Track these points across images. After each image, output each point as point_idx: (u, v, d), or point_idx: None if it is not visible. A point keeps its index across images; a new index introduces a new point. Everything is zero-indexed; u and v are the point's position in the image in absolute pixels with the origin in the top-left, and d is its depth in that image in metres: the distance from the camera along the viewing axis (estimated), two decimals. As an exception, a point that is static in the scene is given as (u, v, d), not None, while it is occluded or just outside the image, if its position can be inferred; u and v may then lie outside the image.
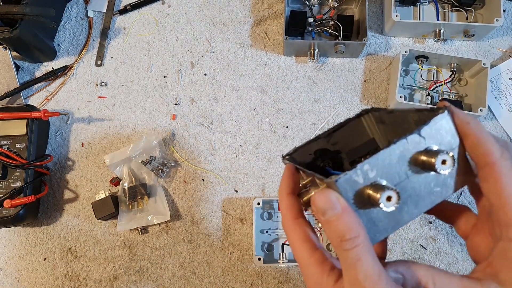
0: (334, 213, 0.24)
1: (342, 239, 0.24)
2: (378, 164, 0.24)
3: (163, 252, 0.66)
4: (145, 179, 0.67)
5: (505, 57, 0.72)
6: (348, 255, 0.24)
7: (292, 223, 0.29)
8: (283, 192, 0.31)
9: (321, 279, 0.26)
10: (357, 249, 0.24)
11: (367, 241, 0.24)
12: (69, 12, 0.75)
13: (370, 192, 0.24)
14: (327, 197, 0.24)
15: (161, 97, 0.71)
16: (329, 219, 0.24)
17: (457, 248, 0.65)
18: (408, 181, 0.25)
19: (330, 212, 0.24)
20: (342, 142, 0.37)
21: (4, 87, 0.70)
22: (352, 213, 0.24)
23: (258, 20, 0.74)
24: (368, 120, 0.37)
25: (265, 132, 0.70)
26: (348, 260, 0.24)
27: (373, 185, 0.24)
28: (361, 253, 0.24)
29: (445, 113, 0.25)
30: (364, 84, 0.71)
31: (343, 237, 0.24)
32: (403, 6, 0.72)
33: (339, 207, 0.24)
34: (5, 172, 0.61)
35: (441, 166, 0.24)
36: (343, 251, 0.24)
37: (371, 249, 0.24)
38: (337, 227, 0.24)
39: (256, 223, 0.64)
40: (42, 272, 0.65)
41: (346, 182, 0.24)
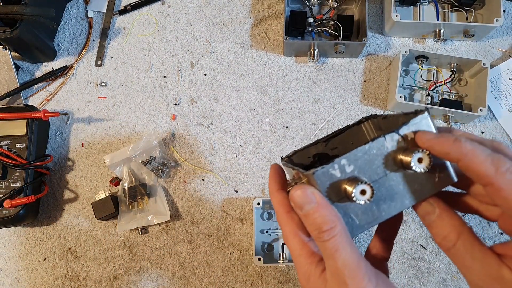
0: (311, 207, 0.25)
1: (319, 231, 0.25)
2: (355, 159, 0.25)
3: (163, 252, 0.66)
4: (145, 179, 0.67)
5: (505, 57, 0.72)
6: (326, 245, 0.25)
7: (285, 217, 0.30)
8: (273, 189, 0.32)
9: (309, 270, 0.27)
10: (334, 239, 0.25)
11: (344, 231, 0.25)
12: (69, 12, 0.75)
13: (346, 186, 0.25)
14: (303, 192, 0.26)
15: (161, 97, 0.71)
16: (306, 213, 0.26)
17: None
18: (386, 179, 0.26)
19: (307, 206, 0.25)
20: (341, 147, 0.38)
21: (4, 87, 0.70)
22: (328, 205, 0.25)
23: (258, 20, 0.74)
24: (368, 127, 0.38)
25: (265, 132, 0.70)
26: (327, 250, 0.25)
27: (350, 180, 0.25)
28: (338, 243, 0.25)
29: (425, 114, 0.26)
30: (364, 84, 0.71)
31: (321, 229, 0.25)
32: (403, 6, 0.72)
33: (315, 201, 0.25)
34: (5, 172, 0.61)
35: (417, 164, 0.25)
36: (321, 242, 0.25)
37: (348, 239, 0.25)
38: (315, 220, 0.25)
39: (256, 223, 0.64)
40: (42, 272, 0.65)
41: (323, 175, 0.25)
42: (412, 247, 0.65)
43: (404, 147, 0.26)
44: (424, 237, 0.65)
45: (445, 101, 0.66)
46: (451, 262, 0.64)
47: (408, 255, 0.65)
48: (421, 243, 0.65)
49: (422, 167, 0.25)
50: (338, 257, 0.25)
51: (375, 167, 0.26)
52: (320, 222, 0.25)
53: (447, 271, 0.64)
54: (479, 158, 0.23)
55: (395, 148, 0.26)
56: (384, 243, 0.33)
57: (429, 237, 0.65)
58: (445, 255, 0.65)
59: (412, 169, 0.25)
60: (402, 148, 0.26)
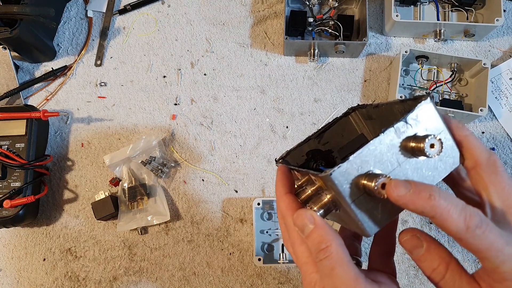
0: (310, 229, 0.26)
1: (317, 250, 0.26)
2: (369, 154, 0.25)
3: (163, 253, 0.66)
4: (145, 179, 0.66)
5: (505, 57, 0.71)
6: (323, 264, 0.25)
7: (291, 223, 0.29)
8: (280, 192, 0.32)
9: (315, 278, 0.27)
10: (329, 257, 0.25)
11: (341, 249, 0.25)
12: (68, 12, 0.75)
13: (364, 182, 0.25)
14: (302, 216, 0.27)
15: (160, 97, 0.71)
16: (307, 234, 0.26)
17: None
18: (400, 169, 0.26)
19: (307, 228, 0.26)
20: (332, 141, 0.38)
21: (4, 87, 0.70)
22: (324, 226, 0.26)
23: (258, 20, 0.74)
24: (356, 118, 0.38)
25: (265, 132, 0.69)
26: (324, 269, 0.25)
27: (367, 175, 0.25)
28: (334, 261, 0.25)
29: (428, 99, 0.26)
30: (364, 84, 0.71)
31: (318, 248, 0.26)
32: (403, 6, 0.72)
33: (313, 222, 0.26)
34: (5, 172, 0.61)
35: (430, 150, 0.25)
36: (319, 262, 0.26)
37: (345, 257, 0.25)
38: (313, 240, 0.26)
39: (256, 224, 0.64)
40: (42, 273, 0.65)
41: (340, 175, 0.24)
42: (413, 247, 0.65)
43: (412, 135, 0.26)
44: (425, 237, 0.65)
45: (446, 101, 0.66)
46: (451, 263, 0.64)
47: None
48: (421, 243, 0.65)
49: (435, 152, 0.25)
50: (335, 276, 0.25)
51: (387, 159, 0.26)
52: (317, 241, 0.26)
53: (448, 271, 0.64)
54: (452, 217, 0.23)
55: (404, 136, 0.26)
56: (386, 240, 0.33)
57: (429, 237, 0.65)
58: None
59: (426, 155, 0.25)
60: (410, 136, 0.26)
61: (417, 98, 0.29)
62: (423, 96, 0.27)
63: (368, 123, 0.37)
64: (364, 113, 0.37)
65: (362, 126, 0.38)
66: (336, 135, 0.38)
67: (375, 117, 0.36)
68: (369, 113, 0.36)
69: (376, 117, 0.35)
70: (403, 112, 0.32)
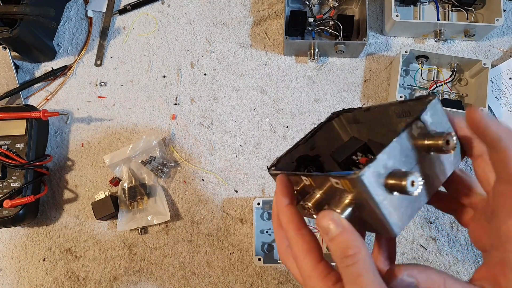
0: (337, 232, 0.25)
1: (344, 256, 0.25)
2: (393, 153, 0.25)
3: (163, 253, 0.66)
4: (145, 179, 0.66)
5: (505, 57, 0.71)
6: (349, 271, 0.25)
7: (295, 235, 0.29)
8: (281, 204, 0.30)
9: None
10: (357, 264, 0.24)
11: (368, 257, 0.25)
12: (68, 12, 0.75)
13: (392, 182, 0.24)
14: (330, 217, 0.25)
15: (160, 97, 0.71)
16: (332, 237, 0.25)
17: (457, 248, 0.65)
18: (418, 166, 0.27)
19: (333, 231, 0.25)
20: (322, 146, 0.38)
21: (4, 87, 0.70)
22: (353, 231, 0.25)
23: (258, 20, 0.74)
24: (339, 122, 0.37)
25: (265, 132, 0.69)
26: (349, 276, 0.25)
27: (393, 174, 0.25)
28: (362, 268, 0.24)
29: (436, 98, 0.27)
30: (364, 84, 0.71)
31: (345, 253, 0.25)
32: (403, 6, 0.72)
33: (341, 226, 0.25)
34: (5, 172, 0.61)
35: (447, 146, 0.25)
36: (344, 267, 0.25)
37: (372, 265, 0.25)
38: (339, 245, 0.25)
39: (256, 224, 0.63)
40: (42, 273, 0.65)
41: (371, 175, 0.24)
42: (413, 247, 0.65)
43: (425, 132, 0.26)
44: (424, 237, 0.65)
45: (446, 101, 0.66)
46: (451, 263, 0.64)
47: (408, 255, 0.65)
48: (421, 243, 0.65)
49: (451, 147, 0.25)
50: (360, 283, 0.24)
51: (406, 157, 0.26)
52: (344, 246, 0.25)
53: (448, 271, 0.64)
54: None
55: (417, 134, 0.26)
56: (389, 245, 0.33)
57: (429, 238, 0.65)
58: (445, 255, 0.65)
59: (443, 151, 0.25)
60: (422, 134, 0.26)
61: (419, 98, 0.29)
62: (427, 96, 0.28)
63: (353, 127, 0.37)
64: (349, 117, 0.37)
65: (345, 131, 0.37)
66: (322, 140, 0.38)
67: (364, 121, 0.35)
68: (356, 117, 0.36)
69: (365, 120, 0.35)
70: (401, 113, 0.32)
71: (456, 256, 0.65)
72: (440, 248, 0.65)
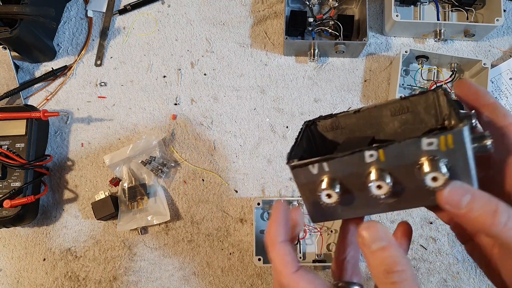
0: (382, 245, 0.24)
1: (389, 271, 0.23)
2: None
3: (162, 253, 0.66)
4: (145, 179, 0.66)
5: (505, 57, 0.71)
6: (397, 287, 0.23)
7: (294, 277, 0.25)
8: (274, 239, 0.26)
9: None
10: (406, 283, 0.23)
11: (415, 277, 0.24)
12: (68, 12, 0.75)
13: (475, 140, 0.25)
14: (376, 228, 0.24)
15: (161, 97, 0.71)
16: (375, 250, 0.24)
17: (458, 248, 0.65)
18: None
19: (378, 243, 0.24)
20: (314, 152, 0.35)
21: (4, 87, 0.70)
22: (399, 247, 0.24)
23: (258, 20, 0.74)
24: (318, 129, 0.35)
25: (265, 132, 0.70)
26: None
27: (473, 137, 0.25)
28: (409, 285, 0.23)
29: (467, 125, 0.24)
30: (364, 84, 0.71)
31: (391, 269, 0.23)
32: (404, 6, 0.72)
33: (387, 240, 0.24)
34: (5, 172, 0.61)
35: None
36: (390, 284, 0.23)
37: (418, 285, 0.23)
38: (385, 259, 0.23)
39: (256, 224, 0.63)
40: (42, 273, 0.65)
41: (467, 132, 0.24)
42: (412, 247, 0.65)
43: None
44: (425, 237, 0.65)
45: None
46: (451, 262, 0.64)
47: (408, 255, 0.65)
48: (421, 243, 0.65)
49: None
50: None
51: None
52: (391, 261, 0.23)
53: (448, 271, 0.64)
54: None
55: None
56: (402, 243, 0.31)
57: (429, 237, 0.65)
58: (445, 256, 0.65)
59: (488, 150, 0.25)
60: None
61: (424, 92, 0.29)
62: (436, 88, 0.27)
63: (329, 135, 0.35)
64: (327, 125, 0.34)
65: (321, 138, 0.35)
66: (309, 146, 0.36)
67: (344, 126, 0.34)
68: (336, 123, 0.34)
69: (346, 125, 0.34)
70: (399, 110, 0.31)
71: (456, 256, 0.65)
72: (440, 248, 0.65)
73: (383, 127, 0.33)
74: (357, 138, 0.33)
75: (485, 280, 0.64)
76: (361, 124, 0.33)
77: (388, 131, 0.33)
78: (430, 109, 0.31)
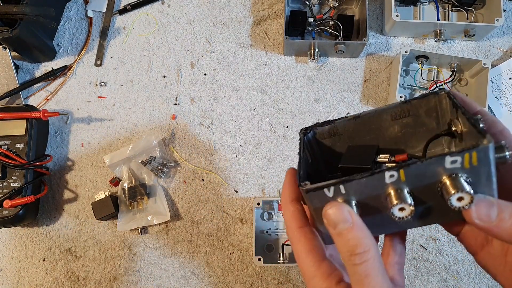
0: (345, 227, 0.24)
1: (352, 253, 0.24)
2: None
3: (162, 253, 0.66)
4: (145, 179, 0.66)
5: (505, 57, 0.71)
6: (357, 270, 0.24)
7: (297, 233, 0.27)
8: (286, 199, 0.29)
9: None
10: (366, 264, 0.23)
11: (378, 257, 0.24)
12: (68, 12, 0.75)
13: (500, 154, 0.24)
14: (339, 210, 0.24)
15: (160, 97, 0.71)
16: (339, 232, 0.24)
17: (458, 248, 0.65)
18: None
19: (342, 225, 0.24)
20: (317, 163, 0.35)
21: (4, 87, 0.70)
22: (364, 228, 0.24)
23: (258, 20, 0.74)
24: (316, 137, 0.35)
25: (265, 132, 0.69)
26: (356, 275, 0.24)
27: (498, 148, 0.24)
28: (370, 268, 0.23)
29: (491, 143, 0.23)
30: (364, 84, 0.71)
31: (353, 251, 0.24)
32: (403, 6, 0.72)
33: (351, 221, 0.24)
34: (5, 172, 0.61)
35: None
36: (352, 265, 0.24)
37: (381, 266, 0.24)
38: (348, 241, 0.24)
39: (256, 224, 0.63)
40: (42, 273, 0.65)
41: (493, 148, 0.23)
42: (413, 247, 0.65)
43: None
44: (425, 237, 0.65)
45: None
46: (451, 262, 0.64)
47: (408, 256, 0.65)
48: (421, 243, 0.65)
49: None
50: (368, 283, 0.23)
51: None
52: (353, 244, 0.24)
53: (448, 271, 0.64)
54: None
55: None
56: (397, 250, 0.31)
57: (429, 238, 0.65)
58: (445, 255, 0.65)
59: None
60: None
61: (425, 95, 0.28)
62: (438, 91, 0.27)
63: (327, 142, 0.34)
64: (324, 132, 0.34)
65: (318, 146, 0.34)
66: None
67: (343, 132, 0.33)
68: (334, 129, 0.33)
69: (345, 131, 0.33)
70: (399, 114, 0.31)
71: (456, 256, 0.65)
72: (440, 248, 0.65)
73: (382, 132, 0.32)
74: (361, 148, 0.32)
75: (485, 280, 0.64)
76: (360, 129, 0.33)
77: (388, 135, 0.32)
78: (431, 112, 0.31)
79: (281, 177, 0.68)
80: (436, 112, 0.31)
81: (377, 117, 0.32)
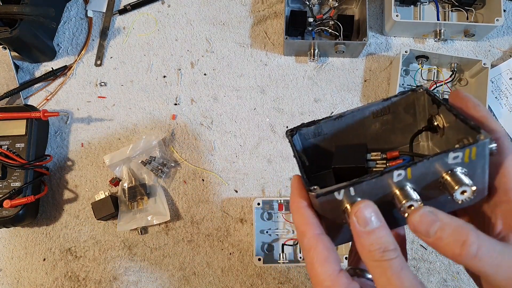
0: (378, 225, 0.24)
1: (385, 250, 0.24)
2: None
3: (162, 253, 0.66)
4: (145, 179, 0.66)
5: (505, 57, 0.71)
6: (393, 264, 0.24)
7: (313, 239, 0.26)
8: (298, 205, 0.27)
9: None
10: (399, 258, 0.24)
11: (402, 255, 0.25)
12: (68, 12, 0.75)
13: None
14: (371, 208, 0.25)
15: (160, 97, 0.71)
16: (371, 229, 0.24)
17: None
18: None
19: (374, 223, 0.24)
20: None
21: (4, 87, 0.70)
22: (389, 228, 0.25)
23: (258, 20, 0.74)
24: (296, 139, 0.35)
25: (265, 132, 0.70)
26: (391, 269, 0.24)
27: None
28: (403, 262, 0.24)
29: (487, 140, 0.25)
30: (364, 84, 0.71)
31: (386, 247, 0.24)
32: (403, 6, 0.72)
33: (380, 220, 0.25)
34: (5, 172, 0.61)
35: (460, 195, 0.25)
36: (385, 261, 0.24)
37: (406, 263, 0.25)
38: (380, 238, 0.24)
39: (256, 224, 0.63)
40: (42, 273, 0.65)
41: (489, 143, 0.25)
42: (412, 247, 0.65)
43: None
44: (425, 237, 0.65)
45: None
46: (451, 262, 0.64)
47: (408, 256, 0.65)
48: (421, 243, 0.65)
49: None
50: (405, 276, 0.23)
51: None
52: (386, 240, 0.24)
53: (447, 271, 0.64)
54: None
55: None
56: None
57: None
58: (446, 255, 0.64)
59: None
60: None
61: (413, 90, 0.29)
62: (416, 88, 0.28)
63: (312, 142, 0.35)
64: (309, 132, 0.35)
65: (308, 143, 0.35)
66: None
67: (328, 131, 0.34)
68: (319, 129, 0.34)
69: (329, 130, 0.34)
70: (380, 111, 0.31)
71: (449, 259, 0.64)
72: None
73: (365, 130, 0.33)
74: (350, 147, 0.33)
75: (485, 280, 0.64)
76: (343, 128, 0.33)
77: (370, 133, 0.33)
78: (409, 109, 0.32)
79: (281, 177, 0.68)
80: (413, 109, 0.32)
81: (359, 116, 0.33)
